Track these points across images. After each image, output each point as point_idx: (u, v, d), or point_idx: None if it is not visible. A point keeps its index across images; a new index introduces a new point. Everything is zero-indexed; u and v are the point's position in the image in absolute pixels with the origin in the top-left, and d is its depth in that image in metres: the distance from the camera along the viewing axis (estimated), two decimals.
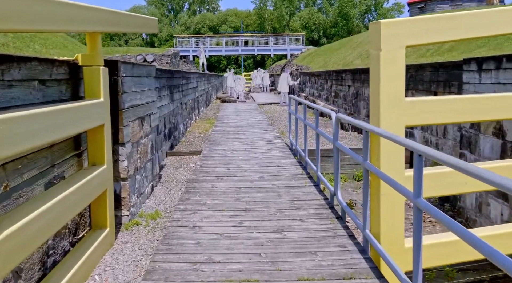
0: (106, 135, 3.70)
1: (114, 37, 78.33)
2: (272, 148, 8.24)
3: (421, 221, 2.49)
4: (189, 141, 10.27)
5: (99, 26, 3.52)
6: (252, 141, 9.20)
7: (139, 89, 4.96)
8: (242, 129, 11.29)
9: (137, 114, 4.86)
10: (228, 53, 42.23)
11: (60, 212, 2.88)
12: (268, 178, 5.83)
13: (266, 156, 7.37)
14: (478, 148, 6.14)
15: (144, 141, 5.16)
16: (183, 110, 11.01)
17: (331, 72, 15.95)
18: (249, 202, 4.70)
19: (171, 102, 8.90)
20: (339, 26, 64.77)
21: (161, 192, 5.61)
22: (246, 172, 6.18)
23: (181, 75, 10.37)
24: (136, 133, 4.76)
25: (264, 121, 13.29)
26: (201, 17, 78.77)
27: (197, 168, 6.51)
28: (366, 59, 15.53)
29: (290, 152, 7.76)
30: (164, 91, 8.01)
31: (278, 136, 9.87)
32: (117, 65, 4.15)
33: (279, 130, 11.71)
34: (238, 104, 21.00)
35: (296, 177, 5.86)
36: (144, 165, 5.13)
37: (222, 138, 9.64)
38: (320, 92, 18.21)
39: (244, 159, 7.16)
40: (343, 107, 14.25)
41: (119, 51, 34.46)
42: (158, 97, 7.26)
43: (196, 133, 11.53)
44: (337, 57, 20.94)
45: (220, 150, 8.03)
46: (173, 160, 7.98)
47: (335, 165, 4.44)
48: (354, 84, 12.74)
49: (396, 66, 3.43)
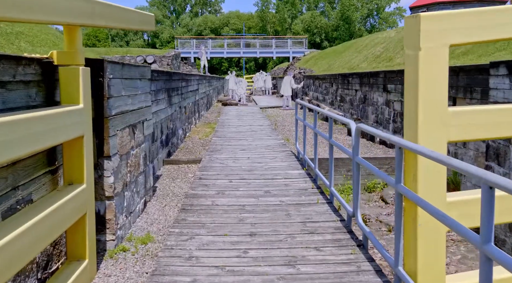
0: (86, 149, 3.09)
1: (115, 38, 77.95)
2: (277, 156, 7.63)
3: (491, 275, 1.86)
4: (188, 147, 9.66)
5: (77, 17, 2.91)
6: (255, 148, 8.59)
7: (130, 93, 4.36)
8: (245, 135, 10.68)
9: (128, 121, 4.25)
10: (230, 55, 41.69)
11: (23, 246, 2.28)
12: (275, 192, 5.21)
13: (272, 166, 6.76)
14: (509, 161, 5.52)
15: (135, 152, 4.55)
16: (182, 115, 10.41)
17: (336, 76, 15.36)
18: (255, 223, 4.09)
19: (169, 107, 8.30)
20: (341, 29, 64.55)
21: (154, 209, 4.99)
22: (250, 185, 5.56)
23: (180, 78, 9.78)
24: (125, 144, 4.15)
25: (268, 126, 12.68)
26: (203, 19, 78.36)
27: (196, 180, 5.90)
28: (372, 63, 14.95)
29: (297, 162, 7.14)
30: (161, 94, 7.41)
31: (283, 143, 9.26)
32: (103, 65, 3.54)
33: (283, 136, 11.10)
34: (240, 108, 20.41)
35: (306, 192, 5.24)
36: (135, 179, 4.52)
37: (223, 145, 9.03)
38: (325, 96, 17.61)
39: (247, 169, 6.54)
40: (349, 112, 13.65)
41: (118, 52, 33.90)
42: (154, 101, 6.66)
43: (196, 139, 10.93)
44: (342, 61, 20.36)
45: (221, 159, 7.41)
46: (170, 169, 7.37)
47: (355, 183, 3.83)
48: (362, 88, 12.14)
49: (438, 69, 2.82)
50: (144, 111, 4.96)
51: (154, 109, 6.66)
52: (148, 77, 5.21)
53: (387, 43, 16.08)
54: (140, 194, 4.74)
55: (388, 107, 10.04)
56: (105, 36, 78.43)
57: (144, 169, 5.00)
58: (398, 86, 9.31)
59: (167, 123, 8.13)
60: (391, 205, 7.14)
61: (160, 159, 7.42)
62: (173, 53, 34.11)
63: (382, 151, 9.26)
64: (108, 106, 3.64)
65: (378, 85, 10.68)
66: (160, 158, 7.35)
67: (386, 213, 6.76)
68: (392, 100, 9.74)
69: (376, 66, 13.95)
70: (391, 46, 15.04)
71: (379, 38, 18.59)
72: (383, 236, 5.73)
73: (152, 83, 6.46)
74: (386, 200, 7.18)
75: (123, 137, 4.06)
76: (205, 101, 17.12)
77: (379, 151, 9.24)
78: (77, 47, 3.09)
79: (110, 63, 3.67)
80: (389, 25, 66.99)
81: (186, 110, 10.99)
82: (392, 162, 7.76)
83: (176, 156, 8.60)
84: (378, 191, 7.71)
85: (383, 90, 10.31)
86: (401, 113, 9.20)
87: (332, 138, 5.10)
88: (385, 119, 10.20)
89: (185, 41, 41.08)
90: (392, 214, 6.74)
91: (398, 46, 14.25)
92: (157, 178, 6.67)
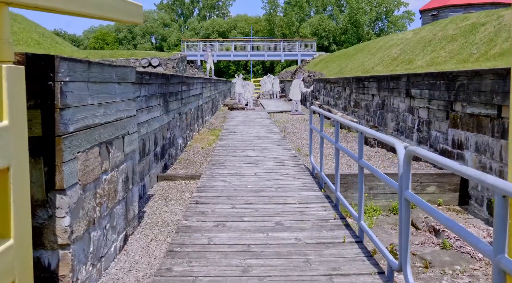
0: (17, 185, 2.09)
1: (122, 42, 77.62)
2: (289, 172, 6.59)
3: None
4: (188, 159, 8.66)
5: None
6: (263, 161, 7.56)
7: (102, 100, 3.36)
8: (251, 144, 9.66)
9: (97, 138, 3.25)
10: (237, 58, 40.76)
11: None
12: (288, 224, 4.17)
13: (283, 185, 5.72)
14: None
15: (110, 176, 3.54)
16: (183, 122, 9.42)
17: (350, 79, 14.30)
18: (263, 277, 3.05)
19: (166, 114, 7.31)
20: (349, 33, 63.77)
21: (137, 245, 3.97)
22: (258, 213, 4.53)
23: (180, 81, 8.79)
24: (93, 169, 3.15)
25: (276, 134, 11.65)
26: (211, 22, 77.75)
27: (192, 204, 4.88)
28: (389, 66, 13.87)
29: (312, 179, 6.10)
30: (155, 100, 6.42)
31: (294, 155, 8.22)
32: (53, 64, 2.55)
33: (293, 145, 10.07)
34: (247, 112, 19.41)
35: (327, 224, 4.19)
36: (109, 212, 3.51)
37: (227, 157, 8.01)
38: (337, 101, 16.54)
39: (254, 189, 5.51)
40: (364, 118, 12.57)
41: (123, 55, 33.11)
42: (145, 108, 5.67)
43: (197, 148, 9.93)
44: (354, 63, 19.28)
45: (224, 175, 6.39)
46: (165, 187, 6.36)
47: (404, 230, 2.77)
48: (380, 93, 11.07)
49: None
50: (124, 123, 3.96)
51: (144, 118, 5.66)
52: (131, 80, 4.21)
53: (404, 44, 15.00)
54: (117, 229, 3.73)
55: (411, 115, 8.96)
56: (113, 39, 78.22)
57: (125, 195, 4.00)
58: (424, 91, 8.24)
59: (162, 132, 7.13)
60: (423, 231, 6.06)
61: (153, 175, 6.42)
62: (178, 56, 33.24)
63: None
64: (62, 121, 2.63)
65: (399, 90, 9.61)
66: (153, 174, 6.35)
67: (418, 242, 5.68)
68: (417, 107, 8.66)
69: (393, 69, 12.88)
70: (409, 48, 13.96)
71: (394, 39, 17.51)
72: (419, 275, 4.67)
73: (142, 88, 5.47)
74: (416, 225, 6.10)
75: (88, 160, 3.05)
76: (210, 106, 16.14)
77: None
78: (2, 35, 2.09)
79: (65, 61, 2.66)
80: (397, 28, 65.91)
81: (187, 116, 10.00)
82: (437, 179, 6.70)
83: (173, 169, 7.60)
84: None
85: (405, 96, 9.23)
86: (428, 122, 8.11)
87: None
88: (408, 127, 9.13)
89: (191, 43, 40.26)
90: (426, 243, 5.67)
91: (417, 47, 13.16)
92: (148, 198, 5.67)
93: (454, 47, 10.42)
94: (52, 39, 7.71)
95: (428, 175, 6.68)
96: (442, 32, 12.27)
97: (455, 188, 6.69)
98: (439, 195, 6.69)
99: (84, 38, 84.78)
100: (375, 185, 6.72)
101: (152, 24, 79.00)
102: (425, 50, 12.19)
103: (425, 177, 6.68)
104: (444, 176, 6.68)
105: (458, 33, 11.11)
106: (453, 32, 11.44)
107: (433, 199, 6.68)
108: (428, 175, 6.68)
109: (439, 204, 6.65)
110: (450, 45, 10.72)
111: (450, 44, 10.84)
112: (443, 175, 6.67)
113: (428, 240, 5.71)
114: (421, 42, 13.31)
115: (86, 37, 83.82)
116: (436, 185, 6.69)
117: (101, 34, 77.87)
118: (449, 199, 6.69)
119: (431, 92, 7.93)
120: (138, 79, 5.29)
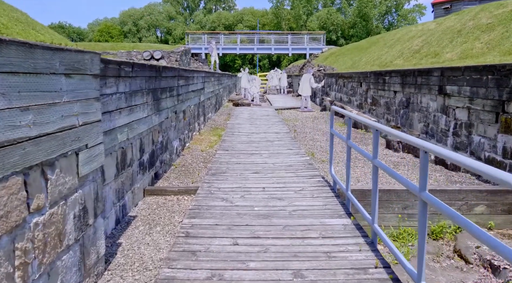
0: None
1: (127, 35, 76.48)
2: (305, 187, 5.36)
3: None
4: (185, 164, 7.46)
5: None
6: (272, 170, 6.35)
7: (31, 102, 2.15)
8: (258, 147, 8.45)
9: (18, 162, 2.05)
10: (243, 51, 39.42)
11: None
12: (311, 276, 2.96)
13: (299, 207, 4.50)
14: None
15: (49, 216, 2.34)
16: (180, 121, 8.22)
17: (368, 74, 13.00)
18: None
19: (156, 113, 6.10)
20: (358, 27, 62.34)
21: None
22: (268, 254, 3.32)
23: (175, 74, 7.56)
24: (9, 212, 1.95)
25: (286, 134, 10.42)
26: (217, 15, 76.39)
27: (180, 237, 3.67)
28: (411, 59, 12.56)
29: (335, 198, 4.87)
30: (141, 97, 5.21)
31: (308, 162, 7.00)
32: None
33: (306, 149, 8.84)
34: (253, 109, 18.16)
35: (366, 277, 2.97)
36: (47, 269, 2.32)
37: (229, 164, 6.81)
38: (351, 98, 15.25)
39: (262, 213, 4.30)
40: (384, 117, 11.30)
41: (125, 47, 31.90)
42: (125, 108, 4.47)
43: (197, 150, 8.73)
44: (369, 57, 17.94)
45: (225, 190, 5.18)
46: (152, 204, 5.17)
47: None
48: (404, 89, 9.79)
49: None
50: (79, 133, 2.75)
51: (123, 120, 4.46)
52: (93, 72, 3.00)
53: (426, 36, 13.65)
54: None
55: (445, 115, 7.69)
56: (118, 32, 77.02)
57: (80, 235, 2.80)
58: (464, 88, 6.96)
59: (152, 136, 5.93)
60: (476, 266, 4.81)
61: (138, 189, 5.23)
62: (182, 49, 31.99)
63: (440, 172, 6.92)
64: None
65: (430, 86, 8.32)
66: (137, 188, 5.16)
67: None
68: (453, 107, 7.38)
69: (417, 62, 11.56)
70: (433, 39, 12.62)
71: (413, 31, 16.14)
72: None
73: (119, 82, 4.27)
74: (466, 257, 4.85)
75: None
76: (213, 101, 14.92)
77: (439, 174, 6.89)
78: None
79: None
80: (408, 22, 64.27)
81: (185, 115, 8.79)
82: (468, 195, 5.44)
83: (166, 179, 6.40)
84: (448, 238, 5.39)
85: (438, 93, 7.95)
86: (469, 125, 6.84)
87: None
88: (441, 130, 7.85)
89: (196, 36, 38.96)
90: None
91: (443, 39, 11.83)
92: (128, 222, 4.48)
93: (492, 37, 9.10)
94: (29, 25, 6.61)
95: (476, 192, 5.43)
96: (473, 21, 10.93)
97: (509, 208, 5.44)
98: (490, 217, 5.45)
99: (89, 31, 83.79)
100: (410, 204, 5.49)
101: (157, 17, 77.81)
102: (453, 41, 10.86)
103: (472, 195, 5.43)
104: (496, 193, 5.42)
105: (494, 22, 9.78)
106: (488, 21, 10.10)
107: (482, 221, 5.43)
108: (476, 192, 5.43)
109: (490, 227, 5.41)
110: (486, 35, 9.40)
111: (485, 34, 9.52)
112: (495, 192, 5.42)
113: (484, 280, 4.47)
114: (448, 32, 11.97)
115: (91, 30, 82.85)
116: (486, 204, 5.44)
117: (106, 27, 76.82)
118: (502, 222, 5.44)
119: (473, 89, 6.65)
120: (113, 71, 4.08)
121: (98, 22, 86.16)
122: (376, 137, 3.52)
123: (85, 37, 79.14)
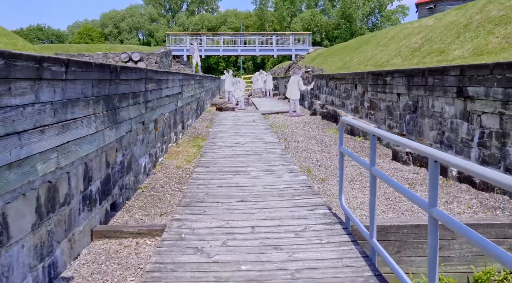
0: None
1: (108, 37, 74.33)
2: (309, 225, 4.01)
3: None
4: (155, 187, 6.06)
5: None
6: (263, 197, 4.99)
7: None
8: (244, 163, 7.09)
9: None
10: (226, 53, 38.01)
11: None
12: None
13: (305, 264, 3.14)
14: None
15: None
16: (150, 133, 6.80)
17: (364, 74, 11.76)
18: None
19: (112, 127, 4.69)
20: (342, 28, 61.75)
21: None
22: None
23: (141, 76, 6.14)
24: None
25: (276, 145, 9.08)
26: (200, 17, 74.86)
27: None
28: (411, 58, 11.37)
29: (353, 245, 3.53)
30: (84, 108, 3.80)
31: (307, 184, 5.66)
32: None
33: (300, 163, 7.49)
34: (238, 114, 16.80)
35: None
36: None
37: (209, 187, 5.44)
38: (344, 101, 14.01)
39: (252, 277, 2.93)
40: (385, 123, 10.06)
41: (101, 49, 30.15)
42: (52, 125, 3.06)
43: (172, 167, 7.32)
44: (362, 57, 16.76)
45: (201, 234, 3.80)
46: (101, 254, 3.75)
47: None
48: (410, 92, 8.55)
49: None
50: None
51: (50, 143, 3.04)
52: None
53: (426, 32, 12.50)
54: None
55: (467, 122, 6.45)
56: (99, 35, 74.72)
57: None
58: (494, 89, 5.73)
59: (106, 157, 4.51)
60: None
61: (82, 233, 3.81)
62: (162, 50, 30.44)
63: (469, 193, 5.65)
64: None
65: (445, 88, 7.09)
66: (79, 233, 3.74)
67: None
68: (478, 112, 6.15)
69: (419, 61, 10.37)
70: (435, 36, 11.46)
71: (409, 28, 15.01)
72: None
73: (42, 88, 2.86)
74: None
75: None
76: (193, 107, 13.50)
77: (468, 196, 5.61)
78: None
79: None
80: (391, 23, 63.84)
81: (157, 125, 7.38)
82: None
83: (128, 210, 4.99)
84: None
85: (456, 96, 6.71)
86: (502, 134, 5.61)
87: None
88: (461, 140, 6.61)
89: (178, 38, 37.42)
90: None
91: (447, 34, 10.67)
92: None
93: (509, 31, 7.93)
94: None
95: None
96: (481, 15, 9.78)
97: None
98: None
99: (69, 33, 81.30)
100: (446, 243, 4.19)
101: (139, 19, 75.90)
102: (461, 37, 9.69)
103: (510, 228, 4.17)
104: None
105: (509, 13, 8.63)
106: (501, 13, 8.96)
107: None
108: None
109: None
110: (502, 29, 8.23)
111: (501, 28, 8.35)
112: None
113: None
114: (452, 28, 10.81)
115: (71, 33, 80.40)
116: None
117: (86, 29, 74.63)
118: None
119: (508, 91, 5.41)
120: (26, 72, 2.68)
121: (78, 24, 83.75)
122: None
123: (64, 40, 76.71)
